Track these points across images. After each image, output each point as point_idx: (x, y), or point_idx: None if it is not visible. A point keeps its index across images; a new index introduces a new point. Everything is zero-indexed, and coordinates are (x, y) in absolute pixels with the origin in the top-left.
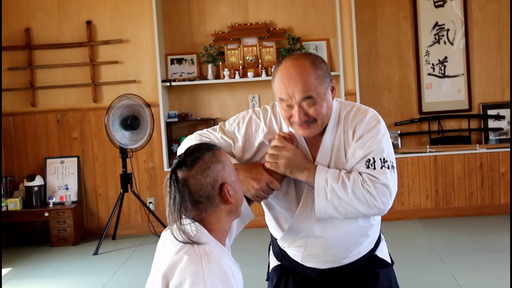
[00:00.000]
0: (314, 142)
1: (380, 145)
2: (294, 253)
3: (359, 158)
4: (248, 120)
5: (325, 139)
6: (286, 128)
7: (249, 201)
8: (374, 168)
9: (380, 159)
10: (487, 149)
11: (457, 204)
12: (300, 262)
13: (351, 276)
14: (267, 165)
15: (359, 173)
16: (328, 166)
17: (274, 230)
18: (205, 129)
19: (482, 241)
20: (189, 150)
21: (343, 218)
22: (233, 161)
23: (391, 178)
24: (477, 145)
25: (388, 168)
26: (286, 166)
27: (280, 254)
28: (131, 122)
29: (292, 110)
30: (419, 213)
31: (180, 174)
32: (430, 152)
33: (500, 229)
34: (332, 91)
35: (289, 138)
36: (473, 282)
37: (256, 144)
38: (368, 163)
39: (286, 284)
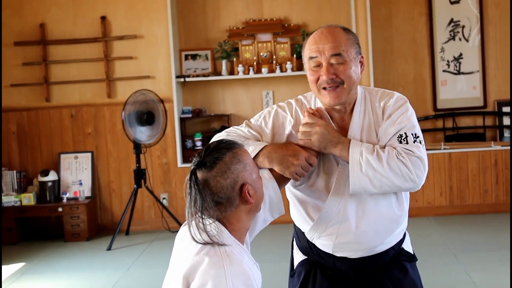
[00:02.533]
0: (343, 124)
1: (411, 121)
2: (325, 243)
3: (391, 134)
4: (274, 114)
5: (353, 119)
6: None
7: (280, 185)
8: (407, 143)
9: (412, 134)
10: (501, 146)
11: (472, 201)
12: (331, 252)
13: (380, 268)
14: (301, 142)
15: (394, 147)
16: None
17: (302, 222)
18: (231, 127)
19: (496, 239)
20: (209, 149)
21: (377, 191)
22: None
23: (424, 153)
24: (492, 142)
25: (420, 143)
26: (320, 142)
27: (308, 247)
28: (147, 118)
29: (320, 71)
30: (433, 210)
31: (200, 175)
32: (444, 149)
33: None
34: (360, 65)
35: (318, 114)
36: (488, 280)
37: (285, 136)
38: (400, 138)
39: (315, 278)
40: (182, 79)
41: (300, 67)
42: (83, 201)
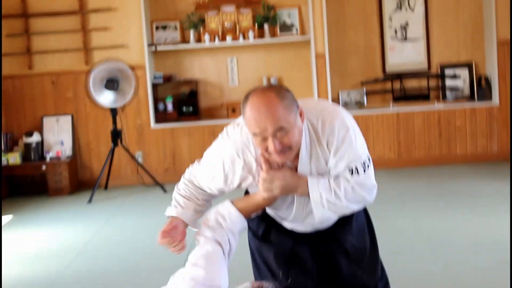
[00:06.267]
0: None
1: (357, 152)
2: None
3: (342, 169)
4: (222, 167)
5: (301, 151)
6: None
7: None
8: (358, 174)
9: (361, 164)
10: (444, 105)
11: (418, 155)
12: (288, 228)
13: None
14: (264, 195)
15: (347, 179)
16: (310, 173)
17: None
18: (186, 177)
19: (440, 188)
20: None
21: (340, 216)
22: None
23: (372, 174)
24: (436, 101)
25: (368, 167)
26: (282, 193)
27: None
28: (106, 84)
29: (267, 142)
30: (383, 163)
31: None
32: (393, 108)
33: (456, 176)
34: (300, 115)
35: (271, 163)
36: (432, 223)
37: (237, 177)
38: (351, 171)
39: (275, 227)
40: (153, 48)
41: (261, 35)
42: (64, 159)
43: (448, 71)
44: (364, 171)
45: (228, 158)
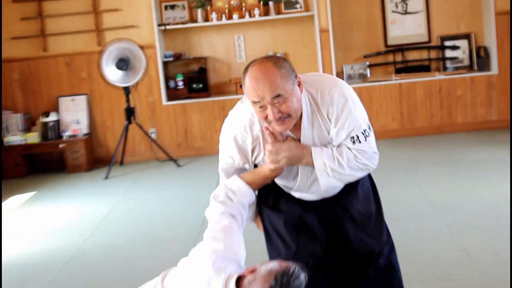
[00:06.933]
0: (295, 126)
1: (357, 121)
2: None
3: (344, 138)
4: (235, 143)
5: (303, 121)
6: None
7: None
8: (360, 142)
9: (362, 133)
10: (445, 75)
11: (420, 124)
12: (297, 197)
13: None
14: (271, 167)
15: (349, 147)
16: (313, 143)
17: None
18: (221, 185)
19: (442, 155)
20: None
21: (345, 183)
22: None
23: (373, 142)
24: (436, 72)
25: (369, 135)
26: (287, 163)
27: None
28: (117, 64)
29: (266, 110)
30: (387, 133)
31: None
32: (395, 80)
33: (457, 144)
34: (298, 85)
35: (275, 135)
36: (435, 190)
37: (249, 151)
38: (353, 139)
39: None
40: (163, 27)
41: (266, 12)
42: (81, 137)
43: (448, 43)
44: (365, 139)
45: (238, 134)
